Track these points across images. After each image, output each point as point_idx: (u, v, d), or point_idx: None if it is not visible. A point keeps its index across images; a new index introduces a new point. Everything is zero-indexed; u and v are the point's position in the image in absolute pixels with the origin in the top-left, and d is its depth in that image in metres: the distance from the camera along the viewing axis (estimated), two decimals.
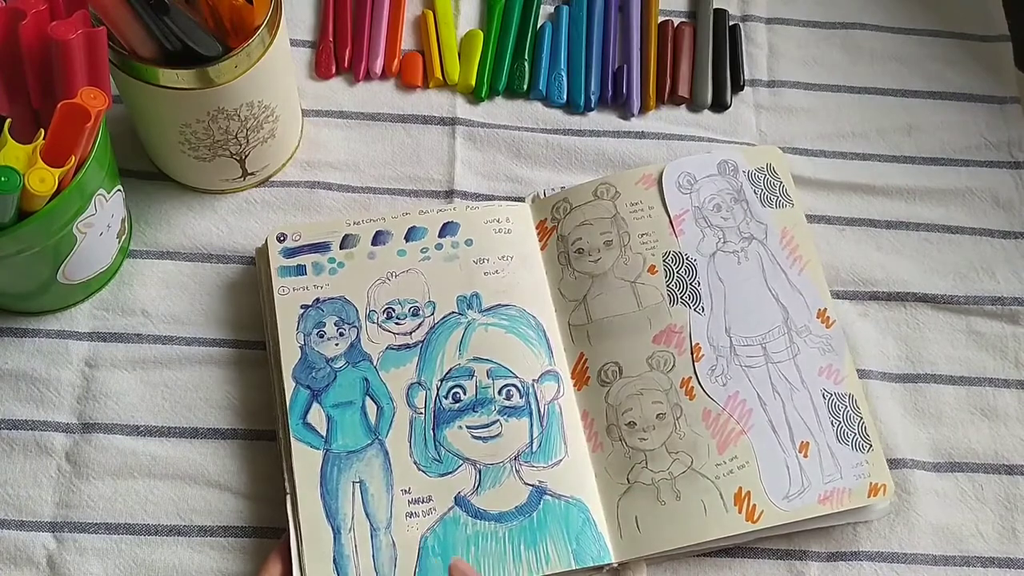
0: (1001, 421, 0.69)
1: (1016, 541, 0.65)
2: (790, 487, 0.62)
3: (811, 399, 0.65)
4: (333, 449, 0.63)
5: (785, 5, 0.84)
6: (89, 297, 0.69)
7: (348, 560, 0.60)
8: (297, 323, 0.66)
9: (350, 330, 0.66)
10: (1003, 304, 0.73)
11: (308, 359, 0.65)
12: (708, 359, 0.66)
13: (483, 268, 0.68)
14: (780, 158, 0.73)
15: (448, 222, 0.69)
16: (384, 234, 0.69)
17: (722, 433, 0.64)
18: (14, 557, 0.62)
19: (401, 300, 0.67)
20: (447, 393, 0.64)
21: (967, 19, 0.84)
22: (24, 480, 0.64)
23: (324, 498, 0.61)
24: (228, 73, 0.62)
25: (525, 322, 0.67)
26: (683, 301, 0.68)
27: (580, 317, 0.68)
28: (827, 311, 0.68)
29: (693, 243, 0.70)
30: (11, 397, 0.66)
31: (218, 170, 0.70)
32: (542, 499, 0.62)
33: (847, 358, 0.66)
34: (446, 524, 0.61)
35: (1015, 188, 0.77)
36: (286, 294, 0.67)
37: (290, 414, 0.63)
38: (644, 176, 0.72)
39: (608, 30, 0.81)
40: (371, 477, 0.62)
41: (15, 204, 0.56)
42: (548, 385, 0.65)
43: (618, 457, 0.64)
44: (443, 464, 0.63)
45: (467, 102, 0.78)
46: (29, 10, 0.56)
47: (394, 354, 0.66)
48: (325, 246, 0.68)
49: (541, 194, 0.73)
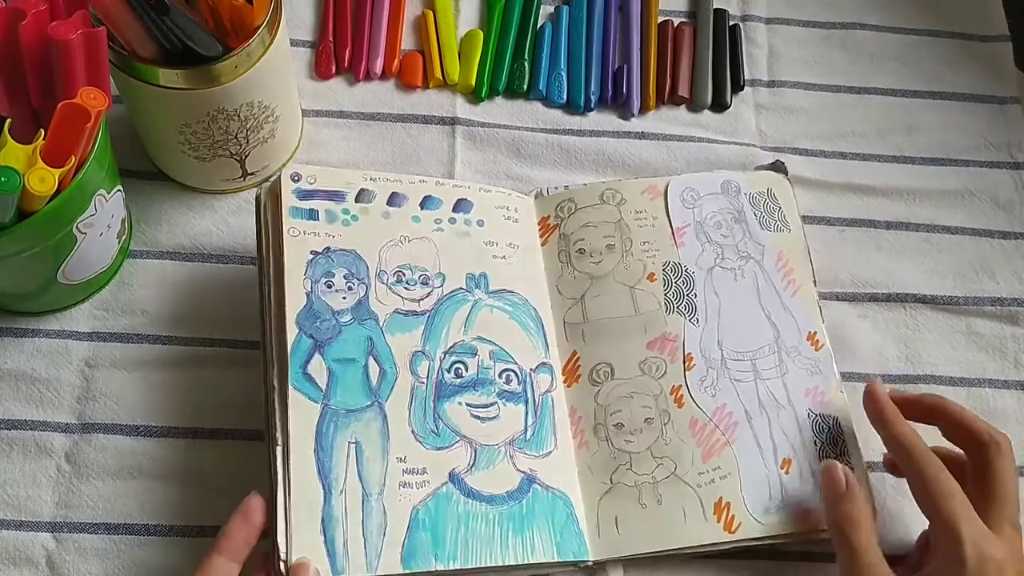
0: (1001, 422, 0.69)
1: None
2: (769, 502, 0.63)
3: (796, 418, 0.65)
4: (332, 405, 0.60)
5: (785, 5, 0.84)
6: (89, 297, 0.69)
7: (337, 523, 0.57)
8: (306, 268, 0.62)
9: (359, 286, 0.64)
10: (1003, 305, 0.73)
11: (314, 307, 0.62)
12: (699, 369, 0.66)
13: (492, 251, 0.68)
14: (782, 185, 0.73)
15: (462, 199, 0.68)
16: (400, 196, 0.67)
17: (707, 443, 0.64)
18: (13, 557, 0.62)
19: (412, 266, 0.65)
20: (450, 367, 0.63)
21: (967, 19, 0.84)
22: (23, 480, 0.64)
23: (318, 455, 0.58)
24: (228, 73, 0.62)
25: (527, 311, 0.67)
26: (679, 311, 0.68)
27: (576, 315, 0.68)
28: (817, 334, 0.68)
29: (692, 256, 0.70)
30: (11, 397, 0.66)
31: (218, 170, 0.70)
32: (532, 487, 0.61)
33: (833, 382, 0.67)
34: (439, 499, 0.59)
35: (1015, 189, 0.77)
36: (296, 236, 0.63)
37: (291, 361, 0.60)
38: (650, 187, 0.72)
39: (608, 30, 0.81)
40: (368, 440, 0.60)
41: (15, 204, 0.55)
42: (543, 376, 0.65)
43: (603, 457, 0.64)
44: (440, 437, 0.61)
45: (467, 102, 0.78)
46: (29, 10, 0.56)
47: (401, 319, 0.64)
48: (340, 195, 0.65)
49: (544, 192, 0.73)
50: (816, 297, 0.69)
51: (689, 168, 0.76)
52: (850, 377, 0.69)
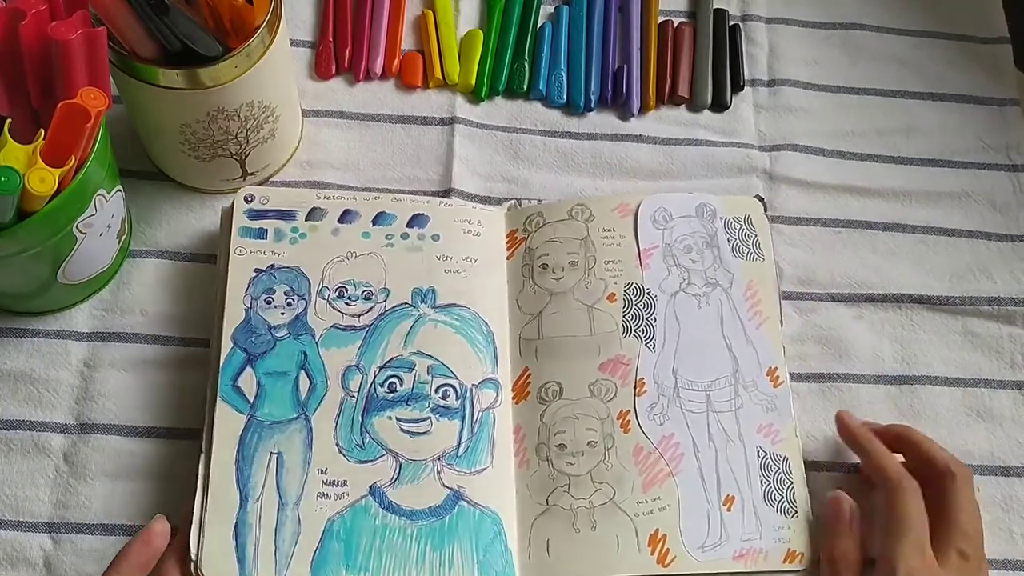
0: (997, 423, 0.69)
1: (1013, 543, 0.66)
2: (707, 538, 0.62)
3: (745, 455, 0.64)
4: (257, 416, 0.62)
5: (785, 5, 0.84)
6: (89, 297, 0.69)
7: (250, 529, 0.59)
8: (247, 285, 0.65)
9: (298, 302, 0.66)
10: (999, 305, 0.73)
11: (251, 323, 0.65)
12: (650, 396, 0.66)
13: (445, 265, 0.68)
14: (758, 210, 0.73)
15: (419, 214, 0.69)
16: (352, 213, 0.69)
17: (650, 472, 0.64)
18: (11, 558, 0.62)
19: (356, 281, 0.67)
20: (384, 381, 0.64)
21: (967, 20, 0.84)
22: (21, 480, 0.64)
23: (239, 463, 0.61)
24: (228, 73, 0.62)
25: (476, 326, 0.67)
26: (636, 334, 0.67)
27: (532, 331, 0.68)
28: (778, 370, 0.67)
29: (657, 279, 0.69)
30: (9, 397, 0.66)
31: (218, 170, 0.70)
32: (457, 504, 0.61)
33: (789, 421, 0.66)
34: (356, 511, 0.60)
35: (1012, 191, 0.77)
36: (242, 255, 0.66)
37: (220, 374, 0.63)
38: (621, 204, 0.71)
39: (608, 30, 0.81)
40: (290, 451, 0.62)
41: (15, 204, 0.55)
42: (486, 392, 0.65)
43: (542, 477, 0.63)
44: (365, 451, 0.62)
45: (467, 102, 0.78)
46: (29, 10, 0.56)
47: (338, 334, 0.65)
48: (291, 214, 0.68)
49: (518, 204, 0.72)
50: (780, 331, 0.69)
51: (686, 171, 0.76)
52: (847, 379, 0.70)
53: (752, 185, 0.76)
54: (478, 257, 0.69)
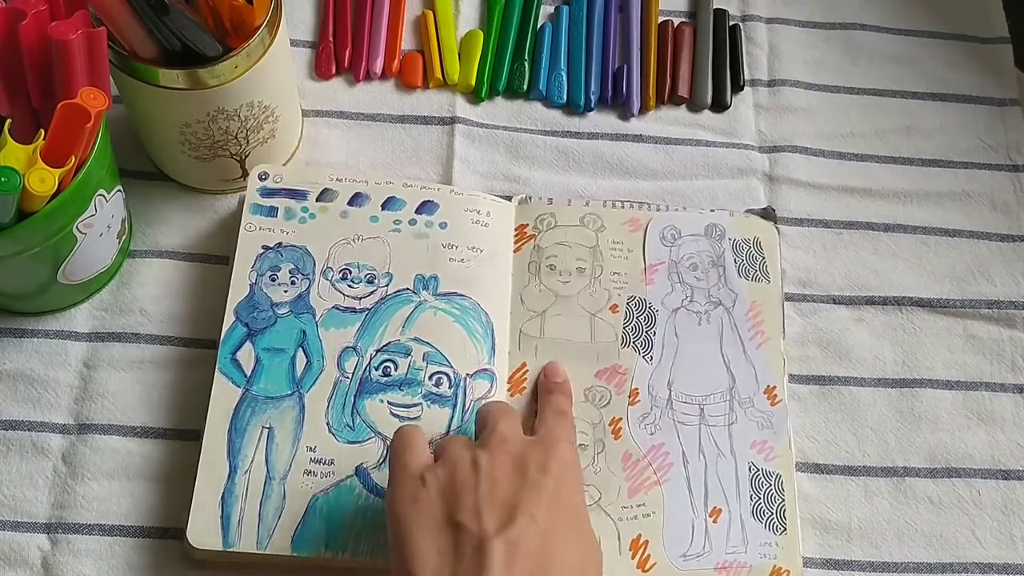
0: (998, 426, 0.69)
1: (1014, 547, 0.66)
2: (690, 547, 0.62)
3: (736, 469, 0.65)
4: (252, 390, 0.63)
5: (785, 5, 0.84)
6: (89, 297, 0.68)
7: (236, 500, 0.61)
8: (254, 261, 0.67)
9: (302, 281, 0.67)
10: (1000, 308, 0.73)
11: (254, 298, 0.66)
12: (643, 406, 0.66)
13: (450, 254, 0.68)
14: (770, 234, 0.73)
15: (428, 200, 0.70)
16: (362, 197, 0.69)
17: (637, 479, 0.64)
18: (9, 558, 0.62)
19: (360, 264, 0.67)
20: (379, 365, 0.65)
21: (967, 20, 0.84)
22: (20, 481, 0.64)
23: (230, 435, 0.62)
24: (228, 73, 0.62)
25: (476, 316, 0.67)
26: (634, 346, 0.68)
27: (533, 328, 0.68)
28: (776, 389, 0.67)
29: (660, 294, 0.70)
30: (8, 397, 0.66)
31: (218, 170, 0.70)
32: None
33: (784, 439, 0.66)
34: (340, 490, 0.61)
35: (1013, 191, 0.77)
36: (252, 231, 0.68)
37: (221, 347, 0.64)
38: (632, 219, 0.72)
39: (608, 30, 0.81)
40: (281, 426, 0.63)
41: (15, 204, 0.55)
42: (480, 383, 0.65)
43: None
44: (355, 432, 0.63)
45: (467, 102, 0.78)
46: (29, 10, 0.56)
47: (338, 315, 0.66)
48: (302, 194, 0.69)
49: (529, 199, 0.73)
50: (783, 351, 0.69)
51: (686, 171, 0.76)
52: (847, 381, 0.70)
53: (752, 186, 0.76)
54: (484, 248, 0.69)
